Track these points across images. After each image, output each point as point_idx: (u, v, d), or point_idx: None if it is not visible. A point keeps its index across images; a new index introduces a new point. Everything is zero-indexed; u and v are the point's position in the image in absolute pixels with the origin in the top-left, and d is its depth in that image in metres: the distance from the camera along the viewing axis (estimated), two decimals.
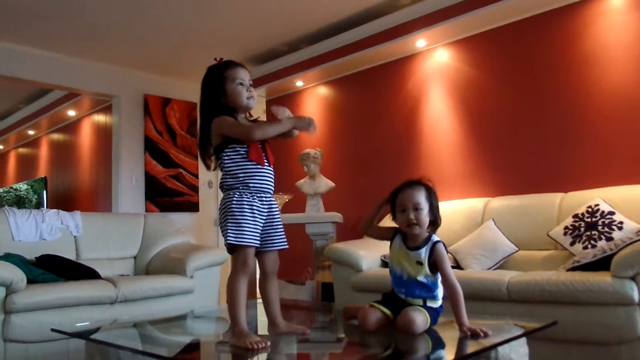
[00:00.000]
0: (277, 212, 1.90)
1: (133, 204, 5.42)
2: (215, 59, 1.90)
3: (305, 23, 4.43)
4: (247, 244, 1.76)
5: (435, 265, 1.83)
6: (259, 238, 1.81)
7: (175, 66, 5.47)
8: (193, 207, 5.84)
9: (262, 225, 1.83)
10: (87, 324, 2.52)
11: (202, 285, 3.45)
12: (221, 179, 1.86)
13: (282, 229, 1.91)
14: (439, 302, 1.88)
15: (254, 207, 1.80)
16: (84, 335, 2.13)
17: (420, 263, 1.83)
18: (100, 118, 6.45)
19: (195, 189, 5.88)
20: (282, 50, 4.99)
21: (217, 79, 1.85)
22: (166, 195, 5.64)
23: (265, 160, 1.85)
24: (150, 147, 5.59)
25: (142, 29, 4.52)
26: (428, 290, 1.84)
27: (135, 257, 3.91)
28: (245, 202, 1.78)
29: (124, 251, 3.87)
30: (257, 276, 1.96)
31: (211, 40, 4.76)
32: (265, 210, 1.84)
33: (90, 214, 3.97)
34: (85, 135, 6.81)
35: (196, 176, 5.90)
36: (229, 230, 1.76)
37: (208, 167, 1.93)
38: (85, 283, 3.07)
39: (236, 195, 1.79)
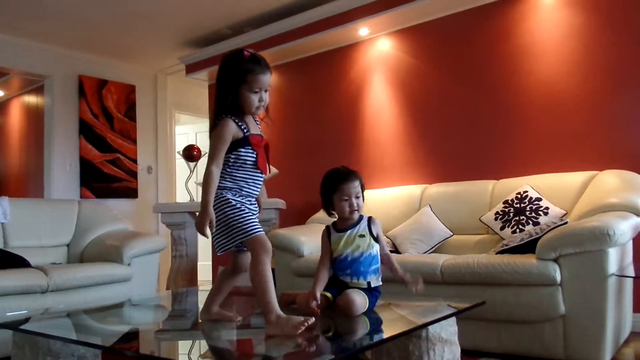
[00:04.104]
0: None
1: (67, 190, 5.20)
2: (244, 52, 1.78)
3: (249, 5, 4.36)
4: (260, 231, 1.74)
5: (377, 235, 2.01)
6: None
7: (112, 46, 5.25)
8: (132, 193, 5.67)
9: None
10: (15, 314, 2.40)
11: (140, 273, 3.38)
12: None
13: None
14: (380, 279, 1.99)
15: (245, 205, 1.80)
16: (11, 325, 2.02)
17: (362, 235, 1.98)
18: (31, 99, 6.10)
19: (134, 174, 5.71)
20: (225, 34, 4.89)
21: (237, 77, 1.77)
22: (103, 181, 5.44)
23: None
24: (86, 130, 5.36)
25: (77, 5, 4.29)
26: (372, 262, 1.96)
27: (68, 245, 3.76)
28: (239, 201, 1.79)
29: (56, 239, 3.71)
30: (218, 268, 1.95)
31: (151, 20, 4.60)
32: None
33: (19, 200, 3.78)
34: (15, 117, 6.43)
35: (135, 161, 5.72)
36: (239, 227, 1.72)
37: None
38: (13, 272, 2.92)
39: (229, 195, 1.78)
